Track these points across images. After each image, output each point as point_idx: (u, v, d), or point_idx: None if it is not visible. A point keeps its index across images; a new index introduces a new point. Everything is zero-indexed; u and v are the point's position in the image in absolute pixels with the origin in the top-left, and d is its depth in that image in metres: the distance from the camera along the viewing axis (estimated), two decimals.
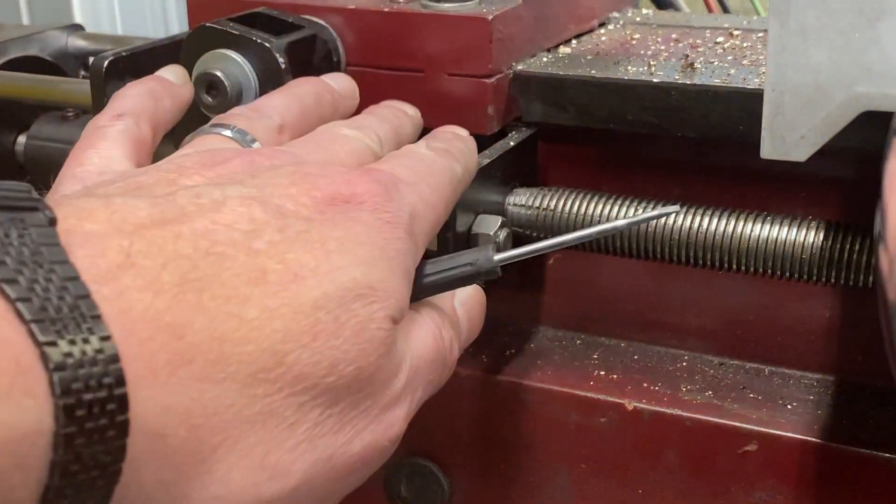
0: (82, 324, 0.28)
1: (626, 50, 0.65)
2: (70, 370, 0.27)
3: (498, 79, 0.58)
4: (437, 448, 0.63)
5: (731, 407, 0.57)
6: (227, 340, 0.31)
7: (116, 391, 0.28)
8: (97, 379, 0.27)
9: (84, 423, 0.27)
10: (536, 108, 0.60)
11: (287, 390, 0.33)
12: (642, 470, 0.58)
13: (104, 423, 0.28)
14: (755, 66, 0.59)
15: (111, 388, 0.28)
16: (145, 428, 0.29)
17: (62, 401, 0.27)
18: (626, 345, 0.65)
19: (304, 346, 0.33)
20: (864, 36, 0.42)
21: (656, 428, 0.58)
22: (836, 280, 0.52)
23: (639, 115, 0.57)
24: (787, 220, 0.53)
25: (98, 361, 0.28)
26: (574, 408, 0.60)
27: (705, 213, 0.55)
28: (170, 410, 0.30)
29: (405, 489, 0.64)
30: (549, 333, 0.67)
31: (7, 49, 0.78)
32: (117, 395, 0.28)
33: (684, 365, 0.62)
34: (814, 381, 0.60)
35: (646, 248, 0.56)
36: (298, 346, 0.33)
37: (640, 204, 0.56)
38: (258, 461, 0.32)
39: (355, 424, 0.36)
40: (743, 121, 0.54)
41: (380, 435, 0.38)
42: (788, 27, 0.43)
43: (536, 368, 0.62)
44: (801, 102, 0.44)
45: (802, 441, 0.55)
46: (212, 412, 0.31)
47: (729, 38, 0.66)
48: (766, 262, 0.53)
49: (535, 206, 0.58)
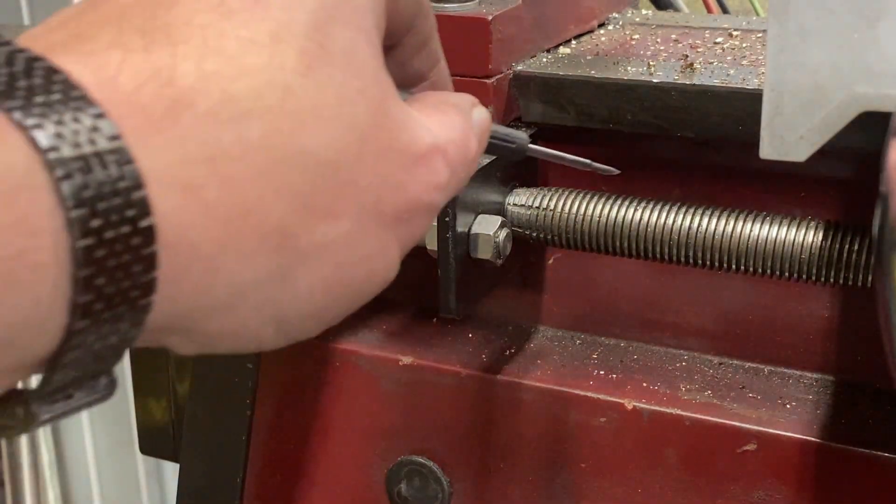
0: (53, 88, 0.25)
1: (625, 50, 0.65)
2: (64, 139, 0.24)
3: (498, 79, 0.58)
4: (437, 448, 0.63)
5: (731, 406, 0.57)
6: (221, 76, 0.28)
7: (126, 169, 0.25)
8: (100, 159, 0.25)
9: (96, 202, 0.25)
10: (536, 108, 0.60)
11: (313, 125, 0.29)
12: (642, 469, 0.59)
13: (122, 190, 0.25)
14: (754, 66, 0.59)
15: (120, 165, 0.25)
16: (171, 180, 0.26)
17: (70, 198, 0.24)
18: (626, 345, 0.65)
19: (302, 75, 0.29)
20: (864, 36, 0.42)
21: (656, 427, 0.58)
22: (835, 280, 0.52)
23: (638, 115, 0.57)
24: (786, 220, 0.53)
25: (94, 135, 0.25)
26: (574, 408, 0.60)
27: (705, 213, 0.55)
28: (192, 160, 0.27)
29: (405, 489, 0.64)
30: (549, 333, 0.67)
31: None
32: (128, 172, 0.25)
33: (684, 365, 0.62)
34: (813, 381, 0.60)
35: (646, 248, 0.56)
36: (297, 76, 0.29)
37: (640, 204, 0.56)
38: (304, 200, 0.29)
39: (393, 173, 0.33)
40: (742, 121, 0.54)
41: (422, 187, 0.34)
42: (787, 27, 0.43)
43: (536, 368, 0.62)
44: (801, 102, 0.44)
45: (801, 440, 0.55)
46: (240, 155, 0.28)
47: (728, 39, 0.66)
48: (765, 262, 0.53)
49: (535, 206, 0.58)
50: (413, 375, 0.63)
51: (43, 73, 0.25)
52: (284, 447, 0.69)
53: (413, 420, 0.64)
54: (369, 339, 0.66)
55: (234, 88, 0.28)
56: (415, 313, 0.69)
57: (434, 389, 0.63)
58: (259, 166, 0.28)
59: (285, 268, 0.30)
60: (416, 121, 0.34)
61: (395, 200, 0.33)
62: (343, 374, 0.66)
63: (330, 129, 0.30)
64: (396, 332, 0.67)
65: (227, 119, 0.28)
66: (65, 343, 0.25)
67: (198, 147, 0.27)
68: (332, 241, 0.31)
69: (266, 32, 0.29)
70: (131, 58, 0.27)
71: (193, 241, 0.27)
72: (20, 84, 0.25)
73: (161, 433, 0.80)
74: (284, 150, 0.29)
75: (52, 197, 0.24)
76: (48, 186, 0.24)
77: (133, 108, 0.26)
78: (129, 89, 0.26)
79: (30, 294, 0.24)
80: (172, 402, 0.78)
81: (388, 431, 0.65)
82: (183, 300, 0.28)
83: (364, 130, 0.31)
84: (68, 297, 0.25)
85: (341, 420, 0.66)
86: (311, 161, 0.30)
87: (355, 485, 0.67)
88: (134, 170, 0.25)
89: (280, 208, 0.29)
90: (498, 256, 0.56)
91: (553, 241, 0.58)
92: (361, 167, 0.31)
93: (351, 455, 0.67)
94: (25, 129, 0.24)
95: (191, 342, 0.30)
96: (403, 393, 0.64)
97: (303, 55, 0.30)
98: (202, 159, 0.27)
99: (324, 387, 0.66)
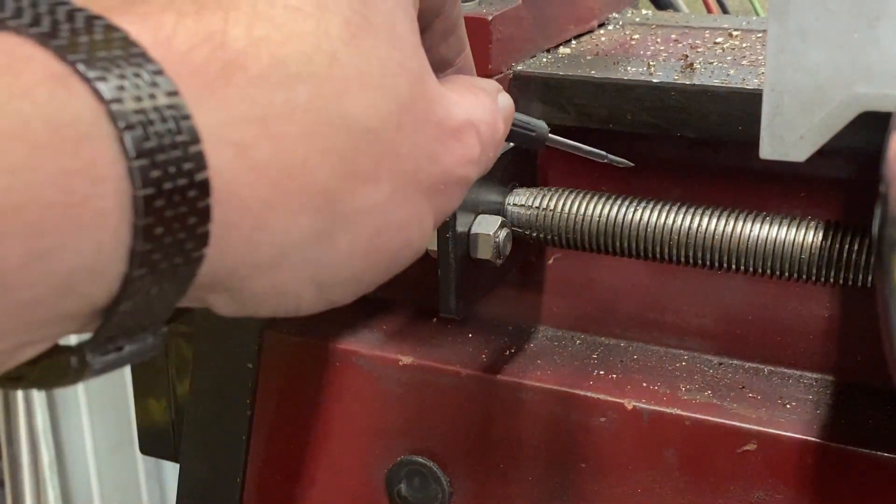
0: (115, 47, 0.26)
1: (625, 50, 0.65)
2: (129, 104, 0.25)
3: (498, 79, 0.58)
4: (437, 448, 0.63)
5: (731, 406, 0.57)
6: (270, 41, 0.29)
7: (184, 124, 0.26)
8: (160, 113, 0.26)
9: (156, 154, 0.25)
10: (536, 108, 0.60)
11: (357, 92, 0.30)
12: (642, 469, 0.59)
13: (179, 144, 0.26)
14: (754, 66, 0.59)
15: (177, 120, 0.26)
16: (224, 138, 0.27)
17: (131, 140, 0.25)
18: (626, 345, 0.65)
19: (346, 43, 0.30)
20: (864, 36, 0.42)
21: (656, 427, 0.58)
22: (835, 280, 0.52)
23: (638, 116, 0.57)
24: (786, 220, 0.53)
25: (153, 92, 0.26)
26: (574, 408, 0.60)
27: (705, 213, 0.55)
28: (243, 119, 0.28)
29: (405, 488, 0.64)
30: (549, 333, 0.67)
31: None
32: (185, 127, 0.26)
33: (684, 365, 0.62)
34: (813, 381, 0.60)
35: (646, 248, 0.56)
36: (342, 44, 0.30)
37: (640, 204, 0.56)
38: (347, 164, 0.30)
39: (430, 144, 0.34)
40: (742, 121, 0.54)
41: (456, 160, 0.35)
42: (787, 28, 0.43)
43: (536, 368, 0.62)
44: (801, 103, 0.44)
45: (801, 440, 0.55)
46: (288, 117, 0.29)
47: (728, 39, 0.66)
48: (765, 262, 0.53)
49: (535, 206, 0.58)
50: (413, 375, 0.63)
51: (103, 31, 0.26)
52: (284, 447, 0.69)
53: (413, 420, 0.64)
54: (369, 339, 0.66)
55: (283, 53, 0.29)
56: (415, 313, 0.69)
57: (434, 389, 0.63)
58: (306, 128, 0.29)
59: (327, 229, 0.31)
60: (450, 98, 0.36)
61: (431, 170, 0.34)
62: (343, 374, 0.66)
63: (373, 97, 0.31)
64: (396, 332, 0.67)
65: (277, 82, 0.29)
66: (122, 291, 0.26)
67: (249, 107, 0.28)
68: (371, 206, 0.32)
69: (312, 2, 0.30)
70: (184, 21, 0.28)
71: (243, 198, 0.28)
72: (82, 39, 0.26)
73: (161, 433, 0.80)
74: (330, 114, 0.30)
75: (116, 146, 0.25)
76: (112, 136, 0.25)
77: (188, 68, 0.27)
78: (183, 50, 0.27)
79: (93, 240, 0.25)
80: (172, 402, 0.78)
81: (388, 431, 0.65)
82: (231, 256, 0.29)
83: (404, 101, 0.32)
84: (128, 245, 0.26)
85: (341, 420, 0.66)
86: (354, 126, 0.30)
87: (355, 485, 0.67)
88: (191, 125, 0.26)
89: (325, 170, 0.30)
90: (498, 256, 0.56)
91: (553, 241, 0.58)
92: (401, 136, 0.32)
93: (351, 455, 0.67)
94: (90, 82, 0.25)
95: (233, 301, 0.31)
96: (403, 393, 0.64)
97: (347, 24, 0.31)
98: (253, 119, 0.28)
99: (324, 387, 0.66)
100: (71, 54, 0.25)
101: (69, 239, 0.24)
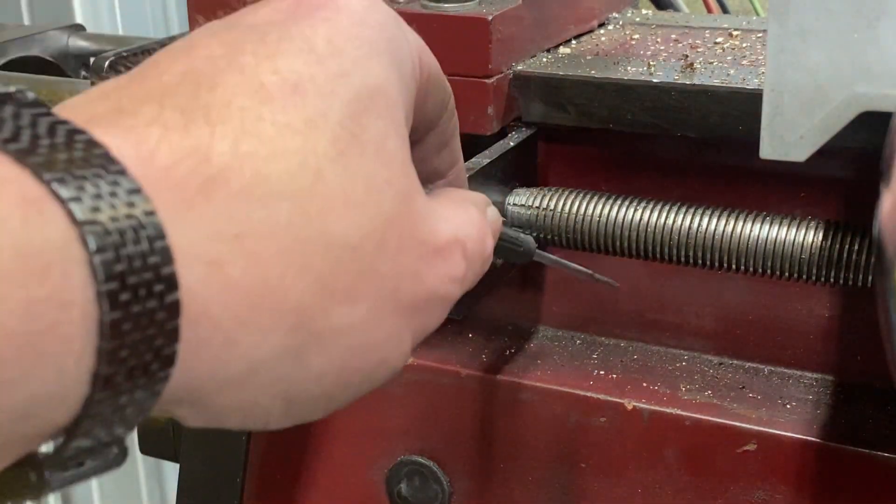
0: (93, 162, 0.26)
1: (625, 50, 0.65)
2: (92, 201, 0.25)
3: (498, 79, 0.58)
4: (437, 448, 0.63)
5: (731, 406, 0.57)
6: (256, 157, 0.29)
7: (157, 244, 0.26)
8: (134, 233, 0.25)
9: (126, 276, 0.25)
10: (536, 108, 0.60)
11: (341, 210, 0.30)
12: (642, 469, 0.59)
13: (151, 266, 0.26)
14: (754, 66, 0.59)
15: (151, 240, 0.26)
16: (198, 255, 0.27)
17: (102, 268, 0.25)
18: (626, 345, 0.65)
19: (333, 161, 0.30)
20: (864, 36, 0.42)
21: (656, 427, 0.58)
22: (835, 280, 0.52)
23: (639, 115, 0.57)
24: (786, 220, 0.53)
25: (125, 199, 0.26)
26: (574, 408, 0.60)
27: (705, 213, 0.55)
28: (220, 236, 0.27)
29: (405, 488, 0.64)
30: (549, 333, 0.67)
31: (8, 49, 0.78)
32: (159, 247, 0.26)
33: (684, 365, 0.62)
34: (813, 381, 0.60)
35: (646, 248, 0.56)
36: (328, 162, 0.30)
37: (640, 204, 0.56)
38: (324, 282, 0.30)
39: (412, 263, 0.33)
40: (742, 121, 0.54)
41: (439, 279, 0.35)
42: (788, 27, 0.43)
43: (536, 368, 0.62)
44: (801, 102, 0.44)
45: (801, 440, 0.55)
46: (267, 234, 0.28)
47: (728, 39, 0.66)
48: (765, 262, 0.53)
49: (535, 206, 0.58)
50: (413, 375, 0.63)
51: (83, 146, 0.26)
52: (284, 447, 0.69)
53: (413, 420, 0.64)
54: None
55: (268, 169, 0.29)
56: None
57: (434, 389, 0.63)
58: (283, 246, 0.29)
59: (300, 347, 0.30)
60: (437, 213, 0.35)
61: (412, 290, 0.33)
62: None
63: (356, 215, 0.31)
64: None
65: (258, 198, 0.28)
66: (83, 413, 0.26)
67: (226, 224, 0.28)
68: (347, 325, 0.31)
69: (302, 119, 0.30)
70: (170, 135, 0.28)
71: (213, 316, 0.28)
72: (61, 156, 0.25)
73: (161, 433, 0.80)
74: (310, 232, 0.29)
75: (86, 270, 0.25)
76: (83, 260, 0.25)
77: (168, 184, 0.27)
78: (165, 165, 0.27)
79: (56, 366, 0.24)
80: None
81: (388, 431, 0.65)
82: (198, 372, 0.28)
83: (388, 219, 0.32)
84: (91, 369, 0.25)
85: (341, 420, 0.66)
86: (334, 244, 0.30)
87: (355, 485, 0.67)
88: (164, 246, 0.26)
89: (300, 288, 0.29)
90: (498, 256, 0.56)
91: (553, 241, 0.58)
92: (383, 255, 0.32)
93: (351, 455, 0.67)
94: (64, 202, 0.24)
95: (199, 414, 0.30)
96: (403, 393, 0.64)
97: (336, 142, 0.31)
98: (230, 236, 0.28)
99: None
100: (47, 172, 0.25)
101: (32, 368, 0.24)
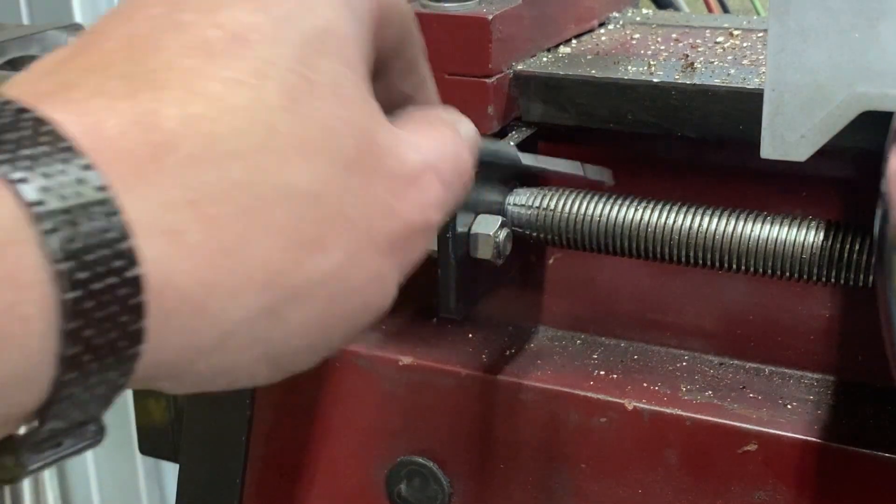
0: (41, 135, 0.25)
1: (626, 50, 0.65)
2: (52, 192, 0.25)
3: (498, 79, 0.58)
4: (437, 448, 0.63)
5: (731, 407, 0.57)
6: (204, 118, 0.28)
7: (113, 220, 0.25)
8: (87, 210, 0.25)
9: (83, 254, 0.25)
10: (536, 108, 0.60)
11: (297, 160, 0.29)
12: (642, 470, 0.59)
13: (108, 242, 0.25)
14: (755, 66, 0.59)
15: (106, 216, 0.25)
16: (155, 226, 0.26)
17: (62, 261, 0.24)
18: (626, 345, 0.65)
19: (285, 110, 0.30)
20: (864, 36, 0.42)
21: (656, 428, 0.58)
22: (836, 280, 0.52)
23: (639, 115, 0.57)
24: (786, 220, 0.53)
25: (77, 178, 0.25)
26: (574, 408, 0.60)
27: (705, 213, 0.55)
28: (174, 204, 0.27)
29: (405, 488, 0.64)
30: (549, 333, 0.67)
31: (7, 49, 0.78)
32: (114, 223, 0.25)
33: (684, 365, 0.62)
34: (813, 381, 0.60)
35: (646, 248, 0.56)
36: (281, 112, 0.29)
37: (640, 203, 0.56)
38: (290, 236, 0.29)
39: (382, 199, 0.33)
40: (743, 121, 0.54)
41: (414, 208, 0.34)
42: (788, 27, 0.43)
43: (536, 368, 0.62)
44: (801, 102, 0.44)
45: (802, 441, 0.55)
46: (222, 196, 0.28)
47: (729, 38, 0.66)
48: (766, 262, 0.53)
49: (535, 206, 0.58)
50: (413, 375, 0.63)
51: (31, 125, 0.25)
52: (284, 447, 0.69)
53: (413, 420, 0.64)
54: (369, 339, 0.66)
55: (218, 129, 0.28)
56: (415, 313, 0.69)
57: (434, 389, 0.63)
58: (242, 205, 0.28)
59: (275, 304, 0.30)
60: (405, 142, 0.34)
61: (387, 227, 0.33)
62: (343, 374, 0.65)
63: (314, 163, 0.30)
64: (396, 332, 0.67)
65: (209, 160, 0.28)
66: (53, 395, 0.25)
67: (180, 191, 0.27)
68: (323, 274, 0.30)
69: (250, 70, 0.29)
70: (116, 105, 0.27)
71: (178, 286, 0.27)
72: (9, 136, 0.25)
73: (160, 433, 0.80)
74: (268, 187, 0.29)
75: (40, 251, 0.24)
76: (35, 240, 0.24)
77: (118, 155, 0.26)
78: (113, 135, 0.27)
79: (19, 348, 0.24)
80: (172, 402, 0.78)
81: (388, 431, 0.65)
82: (171, 344, 0.28)
83: (349, 160, 0.31)
84: (56, 350, 0.25)
85: (341, 420, 0.66)
86: (295, 196, 0.29)
87: (355, 485, 0.67)
88: (120, 220, 0.26)
89: (265, 245, 0.29)
90: (498, 256, 0.56)
91: (553, 241, 0.58)
92: (349, 197, 0.31)
93: (351, 455, 0.67)
94: (12, 184, 0.24)
95: (182, 384, 0.30)
96: (403, 393, 0.64)
97: (287, 90, 0.30)
98: (184, 203, 0.27)
99: (324, 387, 0.66)
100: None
101: None
